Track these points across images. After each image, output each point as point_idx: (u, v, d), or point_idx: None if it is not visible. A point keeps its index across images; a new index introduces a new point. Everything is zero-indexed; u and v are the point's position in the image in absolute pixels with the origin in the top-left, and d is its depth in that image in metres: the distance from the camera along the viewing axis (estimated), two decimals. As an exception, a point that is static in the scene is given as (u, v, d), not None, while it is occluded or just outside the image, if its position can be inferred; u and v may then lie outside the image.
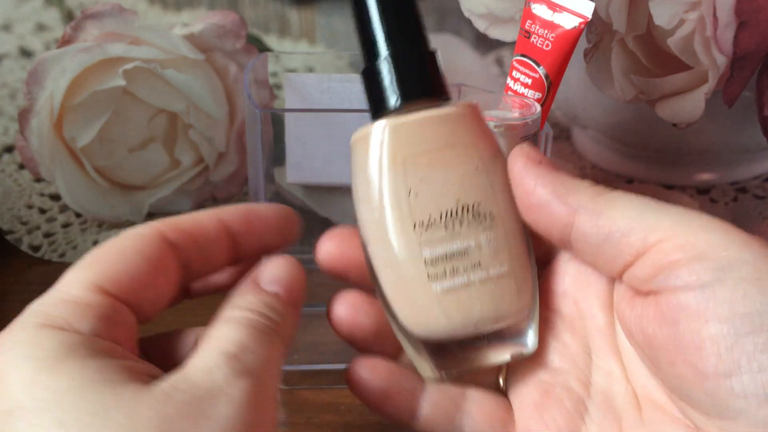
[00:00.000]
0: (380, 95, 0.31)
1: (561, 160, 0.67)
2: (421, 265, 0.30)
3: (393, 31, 0.31)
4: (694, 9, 0.47)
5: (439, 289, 0.30)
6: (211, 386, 0.26)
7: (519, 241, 0.31)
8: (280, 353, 0.30)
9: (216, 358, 0.27)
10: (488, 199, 0.30)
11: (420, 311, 0.30)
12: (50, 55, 0.54)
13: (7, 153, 0.65)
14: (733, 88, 0.49)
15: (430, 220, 0.30)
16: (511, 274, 0.31)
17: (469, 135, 0.31)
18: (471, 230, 0.30)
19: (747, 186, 0.65)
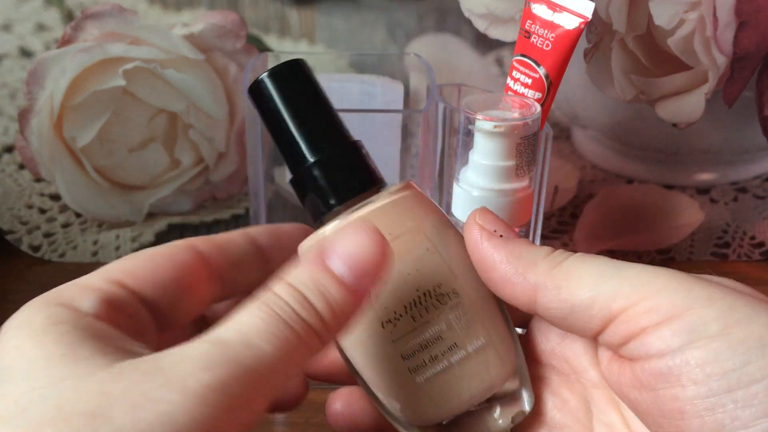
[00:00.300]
0: (316, 202, 0.30)
1: (561, 160, 0.67)
2: (399, 361, 0.29)
3: (314, 136, 0.30)
4: (694, 9, 0.47)
5: (423, 380, 0.29)
6: (171, 371, 0.23)
7: (489, 308, 0.31)
8: (307, 355, 0.25)
9: (202, 345, 0.24)
10: (447, 277, 0.30)
11: (410, 403, 0.30)
12: (50, 55, 0.54)
13: (7, 153, 0.65)
14: (733, 88, 0.49)
15: (396, 315, 0.29)
16: (489, 344, 0.30)
17: (411, 218, 0.30)
18: (438, 314, 0.29)
19: (747, 186, 0.65)
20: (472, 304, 0.30)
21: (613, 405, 0.32)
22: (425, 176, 0.49)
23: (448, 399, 0.29)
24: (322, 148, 0.30)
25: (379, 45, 0.55)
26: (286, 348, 0.24)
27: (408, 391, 0.29)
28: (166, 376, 0.23)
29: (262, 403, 0.24)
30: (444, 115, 0.48)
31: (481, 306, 0.30)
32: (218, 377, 0.23)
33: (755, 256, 0.59)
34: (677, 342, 0.27)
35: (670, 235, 0.60)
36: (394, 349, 0.29)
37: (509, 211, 0.43)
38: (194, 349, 0.24)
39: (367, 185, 0.30)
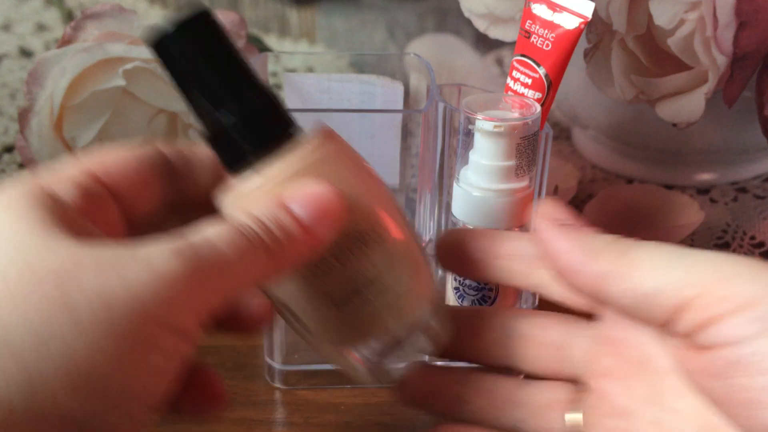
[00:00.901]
0: (233, 154, 0.30)
1: (561, 160, 0.67)
2: (324, 296, 0.31)
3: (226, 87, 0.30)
4: (694, 9, 0.47)
5: (346, 312, 0.31)
6: (140, 253, 0.25)
7: (410, 249, 0.32)
8: (261, 272, 0.27)
9: (171, 239, 0.26)
10: (372, 222, 0.31)
11: (332, 331, 0.32)
12: (50, 55, 0.54)
13: (7, 153, 0.65)
14: (733, 88, 0.49)
15: (323, 256, 0.30)
16: (409, 283, 0.32)
17: (335, 167, 0.30)
18: (362, 255, 0.30)
19: (747, 186, 0.65)
20: (394, 247, 0.31)
21: (684, 392, 0.31)
22: (425, 176, 0.49)
23: (368, 330, 0.31)
24: (238, 99, 0.30)
25: (379, 45, 0.55)
26: (244, 257, 0.26)
27: (331, 321, 0.31)
28: (136, 256, 0.25)
29: (217, 300, 0.27)
30: (444, 115, 0.48)
31: (403, 248, 0.31)
32: (184, 264, 0.25)
33: (755, 256, 0.59)
34: (750, 330, 0.27)
35: (670, 235, 0.60)
36: (320, 285, 0.30)
37: (509, 211, 0.43)
38: (163, 241, 0.26)
39: (283, 135, 0.30)
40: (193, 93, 0.30)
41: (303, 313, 0.32)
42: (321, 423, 0.45)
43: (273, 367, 0.47)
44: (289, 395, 0.46)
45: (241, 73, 0.30)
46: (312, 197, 0.28)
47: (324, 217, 0.28)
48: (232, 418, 0.45)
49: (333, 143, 0.31)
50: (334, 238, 0.29)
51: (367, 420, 0.45)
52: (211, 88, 0.30)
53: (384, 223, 0.31)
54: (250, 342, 0.50)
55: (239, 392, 0.46)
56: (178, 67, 0.30)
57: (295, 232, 0.28)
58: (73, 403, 0.24)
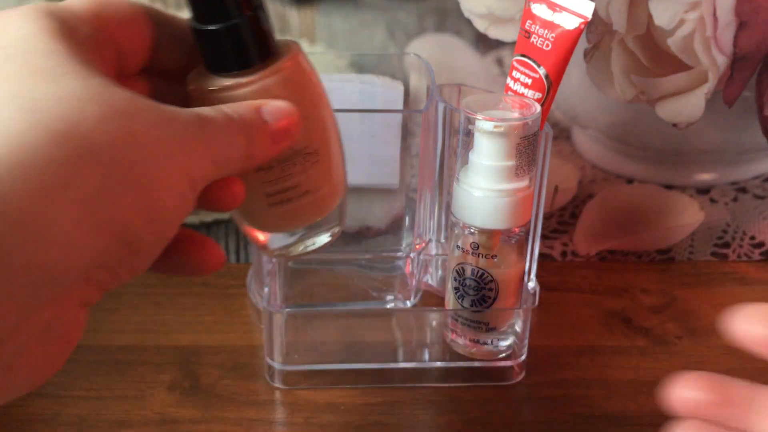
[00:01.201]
0: (223, 56, 0.34)
1: (561, 159, 0.67)
2: (262, 197, 0.36)
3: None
4: (694, 9, 0.47)
5: (277, 209, 0.37)
6: (169, 108, 0.28)
7: (335, 163, 0.38)
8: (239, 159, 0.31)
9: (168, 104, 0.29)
10: (313, 140, 0.36)
11: (264, 222, 0.38)
12: (50, 56, 0.53)
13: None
14: (733, 88, 0.49)
15: (269, 165, 0.35)
16: (329, 189, 0.38)
17: (292, 91, 0.34)
18: (300, 167, 0.36)
19: (747, 186, 0.65)
20: (325, 162, 0.37)
21: None
22: (425, 176, 0.49)
23: (292, 221, 0.38)
24: (238, 11, 0.33)
25: (379, 45, 0.55)
26: (234, 139, 0.31)
27: (264, 215, 0.37)
28: (166, 108, 0.28)
29: (212, 170, 0.30)
30: (444, 115, 0.48)
31: (330, 163, 0.37)
32: (202, 124, 0.29)
33: (755, 256, 0.59)
34: None
35: (670, 235, 0.60)
36: (261, 188, 0.36)
37: (509, 211, 0.43)
38: (162, 103, 0.29)
39: (265, 51, 0.34)
40: None
41: (244, 207, 0.37)
42: (321, 423, 0.45)
43: (273, 367, 0.47)
44: (289, 395, 0.47)
45: None
46: (280, 113, 0.33)
47: (285, 133, 0.33)
48: (233, 418, 0.45)
49: (301, 67, 0.35)
50: (283, 152, 0.35)
51: (367, 420, 0.45)
52: None
53: (322, 142, 0.36)
54: (250, 342, 0.50)
55: (239, 392, 0.46)
56: None
57: (262, 135, 0.32)
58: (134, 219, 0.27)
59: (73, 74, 0.27)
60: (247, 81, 0.33)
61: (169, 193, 0.28)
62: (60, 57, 0.27)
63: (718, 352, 0.50)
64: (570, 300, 0.54)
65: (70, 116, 0.25)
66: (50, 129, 0.25)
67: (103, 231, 0.25)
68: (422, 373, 0.48)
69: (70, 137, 0.25)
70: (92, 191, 0.25)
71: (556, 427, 0.45)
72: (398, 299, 0.53)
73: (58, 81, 0.26)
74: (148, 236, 0.27)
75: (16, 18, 0.28)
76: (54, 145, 0.25)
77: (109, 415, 0.45)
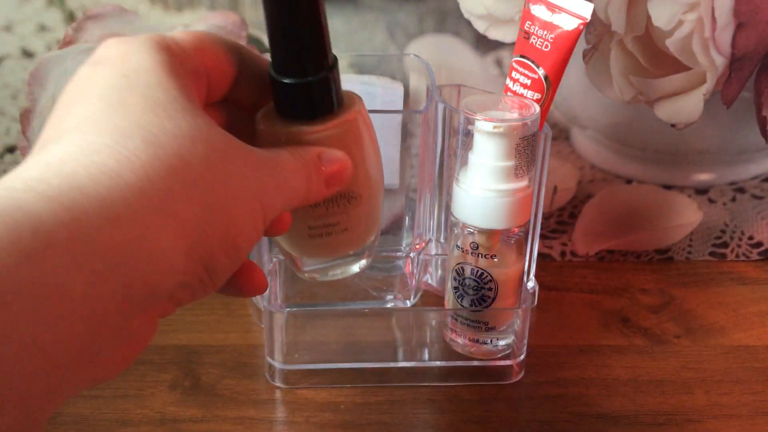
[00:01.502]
0: (292, 103, 0.37)
1: (560, 160, 0.67)
2: (305, 229, 0.39)
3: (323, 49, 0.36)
4: (693, 10, 0.48)
5: (316, 241, 0.40)
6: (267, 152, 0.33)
7: (374, 208, 0.41)
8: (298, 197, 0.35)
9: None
10: (359, 185, 0.39)
11: (304, 251, 0.41)
12: (52, 56, 0.54)
13: (9, 153, 0.65)
14: (732, 88, 0.49)
15: (317, 203, 0.38)
16: (364, 229, 0.41)
17: (353, 141, 0.38)
18: (343, 207, 0.39)
19: (745, 186, 0.65)
20: (366, 206, 0.40)
21: None
22: (425, 176, 0.49)
23: (328, 252, 0.41)
24: (316, 66, 0.36)
25: (379, 46, 0.55)
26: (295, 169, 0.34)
27: (304, 243, 0.41)
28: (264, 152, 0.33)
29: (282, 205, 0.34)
30: (444, 115, 0.48)
31: (370, 207, 0.40)
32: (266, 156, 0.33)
33: (753, 255, 0.59)
34: None
35: (668, 235, 0.60)
36: (305, 221, 0.39)
37: (509, 211, 0.43)
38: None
39: (332, 103, 0.37)
40: (281, 40, 0.36)
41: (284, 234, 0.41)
42: (321, 422, 0.45)
43: (273, 366, 0.47)
44: (289, 394, 0.47)
45: (324, 46, 0.36)
46: (337, 161, 0.36)
47: (338, 180, 0.36)
48: (233, 417, 0.45)
49: (360, 122, 0.38)
50: (334, 194, 0.38)
51: (367, 419, 0.45)
52: (299, 47, 0.35)
53: (367, 188, 0.40)
54: (250, 341, 0.50)
55: (240, 391, 0.47)
56: (276, 20, 0.35)
57: (318, 178, 0.35)
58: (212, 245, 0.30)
59: (184, 112, 0.30)
60: (312, 130, 0.37)
61: (247, 226, 0.31)
62: (173, 92, 0.30)
63: (716, 352, 0.50)
64: (569, 299, 0.55)
65: (182, 153, 0.29)
66: (168, 163, 0.28)
67: (192, 256, 0.29)
68: (422, 373, 0.48)
69: (182, 172, 0.28)
70: (191, 221, 0.29)
71: (555, 425, 0.45)
72: (398, 299, 0.53)
73: (172, 117, 0.29)
74: (225, 262, 0.31)
75: (136, 48, 0.31)
76: (169, 178, 0.28)
77: (109, 413, 0.45)
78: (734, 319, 0.53)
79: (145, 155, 0.28)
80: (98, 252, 0.26)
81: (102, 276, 0.26)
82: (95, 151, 0.27)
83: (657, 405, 0.46)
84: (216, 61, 0.34)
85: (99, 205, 0.26)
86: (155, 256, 0.27)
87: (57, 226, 0.25)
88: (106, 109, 0.29)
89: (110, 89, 0.30)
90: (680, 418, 0.45)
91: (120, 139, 0.28)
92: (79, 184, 0.26)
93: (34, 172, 0.27)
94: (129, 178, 0.27)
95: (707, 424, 0.45)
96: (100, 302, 0.26)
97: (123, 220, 0.27)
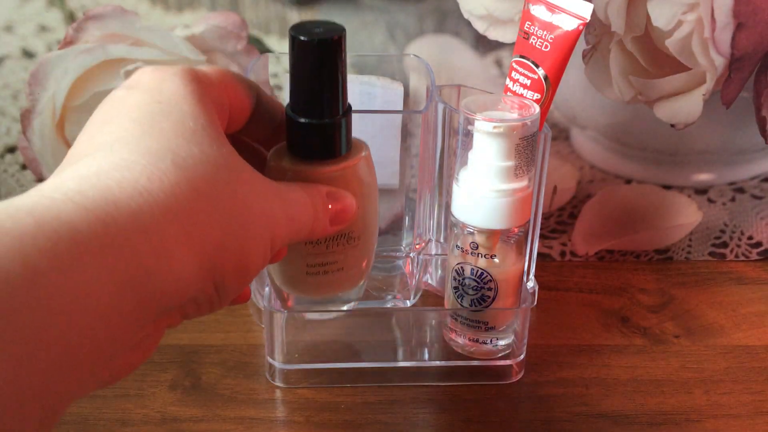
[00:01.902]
0: (305, 144, 0.39)
1: (560, 160, 0.67)
2: (303, 267, 0.42)
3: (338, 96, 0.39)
4: (693, 10, 0.48)
5: (313, 280, 0.42)
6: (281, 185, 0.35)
7: (369, 249, 0.43)
8: (303, 232, 0.36)
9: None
10: (359, 227, 0.41)
11: (300, 289, 0.44)
12: (52, 56, 0.54)
13: (9, 153, 0.65)
14: (731, 88, 0.49)
15: (317, 241, 0.41)
16: (359, 268, 0.43)
17: (357, 184, 0.40)
18: (342, 247, 0.41)
19: (745, 186, 0.65)
20: (363, 247, 0.42)
21: None
22: (425, 176, 0.49)
23: (323, 290, 0.44)
24: (330, 112, 0.39)
25: (379, 46, 0.55)
26: (303, 204, 0.36)
27: (300, 280, 0.43)
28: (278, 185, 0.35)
29: (286, 231, 0.35)
30: (443, 115, 0.48)
31: (366, 248, 0.43)
32: (278, 189, 0.35)
33: (753, 255, 0.59)
34: None
35: (668, 235, 0.60)
36: (304, 258, 0.41)
37: (508, 211, 0.43)
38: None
39: (341, 152, 0.40)
40: (302, 84, 0.38)
41: (278, 269, 0.43)
42: (321, 422, 0.45)
43: (274, 366, 0.47)
44: (289, 394, 0.47)
45: (341, 94, 0.39)
46: (343, 202, 0.38)
47: (342, 219, 0.38)
48: (233, 416, 0.45)
49: (365, 167, 0.41)
50: (335, 233, 0.40)
51: (367, 419, 0.45)
52: (318, 92, 0.38)
53: (365, 230, 0.42)
54: (251, 341, 0.50)
55: (240, 391, 0.47)
56: (302, 67, 0.38)
57: (324, 216, 0.37)
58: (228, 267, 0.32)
59: (210, 140, 0.32)
60: (321, 170, 0.39)
61: (258, 253, 0.33)
62: (201, 121, 0.32)
63: (715, 352, 0.50)
64: (569, 299, 0.55)
65: (208, 178, 0.31)
66: (194, 186, 0.30)
67: (206, 275, 0.31)
68: (422, 372, 0.48)
69: (206, 196, 0.30)
70: (210, 242, 0.30)
71: (555, 425, 0.45)
72: (398, 299, 0.53)
73: (200, 144, 0.31)
74: (233, 284, 0.32)
75: (169, 77, 0.33)
76: (195, 200, 0.30)
77: (110, 413, 0.45)
78: (734, 319, 0.53)
79: (174, 176, 0.30)
80: (127, 263, 0.27)
81: (128, 286, 0.27)
82: (128, 168, 0.29)
83: (656, 405, 0.46)
84: (237, 96, 0.36)
85: (130, 218, 0.28)
86: (175, 270, 0.29)
87: (91, 236, 0.27)
88: (139, 130, 0.31)
89: (144, 113, 0.31)
90: (680, 418, 0.45)
91: (152, 160, 0.30)
92: (113, 198, 0.28)
93: (71, 183, 0.29)
94: (158, 196, 0.29)
95: (707, 423, 0.45)
96: (123, 310, 0.27)
97: (150, 234, 0.28)
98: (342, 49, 0.38)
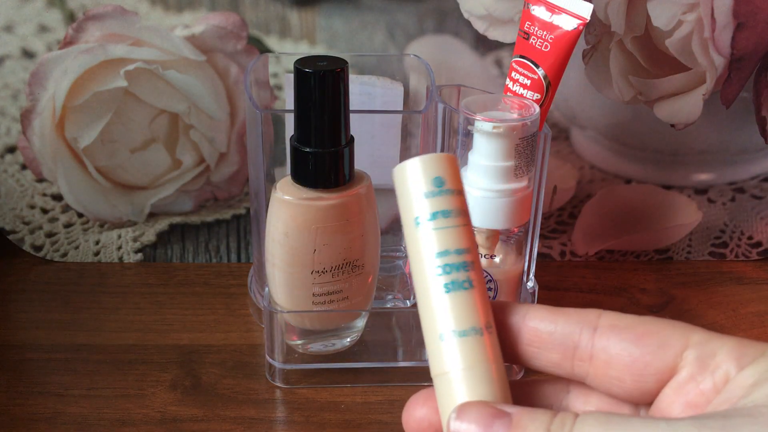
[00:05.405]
0: (306, 172, 0.42)
1: (560, 160, 0.67)
2: (309, 295, 0.44)
3: (340, 126, 0.41)
4: (692, 10, 0.48)
5: (316, 308, 0.45)
6: None
7: (372, 277, 0.46)
8: None
9: None
10: (363, 255, 0.44)
11: (304, 318, 0.46)
12: (52, 56, 0.54)
13: (9, 153, 0.65)
14: (731, 88, 0.49)
15: (323, 269, 0.43)
16: (361, 297, 0.45)
17: (359, 212, 0.42)
18: (347, 275, 0.44)
19: (744, 186, 0.65)
20: (366, 275, 0.44)
21: None
22: (425, 176, 0.49)
23: (326, 323, 0.46)
24: (332, 142, 0.41)
25: (378, 46, 0.55)
26: None
27: (308, 314, 0.45)
28: None
29: None
30: (443, 115, 0.48)
31: (369, 277, 0.45)
32: None
33: (752, 255, 0.59)
34: None
35: (668, 235, 0.60)
36: (309, 288, 0.43)
37: (508, 211, 0.43)
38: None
39: (343, 181, 0.42)
40: (307, 115, 0.40)
41: (285, 300, 0.45)
42: (321, 421, 0.45)
43: (274, 366, 0.47)
44: (289, 394, 0.47)
45: (344, 125, 0.41)
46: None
47: None
48: (233, 416, 0.45)
49: (365, 197, 0.43)
50: (340, 261, 0.42)
51: (367, 418, 0.45)
52: (322, 124, 0.40)
53: (369, 258, 0.44)
54: (251, 341, 0.50)
55: (240, 391, 0.47)
56: (306, 98, 0.40)
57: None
58: None
59: None
60: (323, 197, 0.41)
61: None
62: None
63: (715, 352, 0.50)
64: (568, 299, 0.55)
65: None
66: None
67: None
68: (422, 372, 0.48)
69: None
70: None
71: (555, 425, 0.45)
72: (398, 299, 0.53)
73: None
74: None
75: None
76: None
77: (110, 413, 0.45)
78: (734, 319, 0.53)
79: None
80: None
81: None
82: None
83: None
84: None
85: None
86: None
87: None
88: None
89: None
90: (680, 418, 0.45)
91: None
92: None
93: None
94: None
95: (706, 423, 0.45)
96: None
97: None
98: (345, 82, 0.40)
